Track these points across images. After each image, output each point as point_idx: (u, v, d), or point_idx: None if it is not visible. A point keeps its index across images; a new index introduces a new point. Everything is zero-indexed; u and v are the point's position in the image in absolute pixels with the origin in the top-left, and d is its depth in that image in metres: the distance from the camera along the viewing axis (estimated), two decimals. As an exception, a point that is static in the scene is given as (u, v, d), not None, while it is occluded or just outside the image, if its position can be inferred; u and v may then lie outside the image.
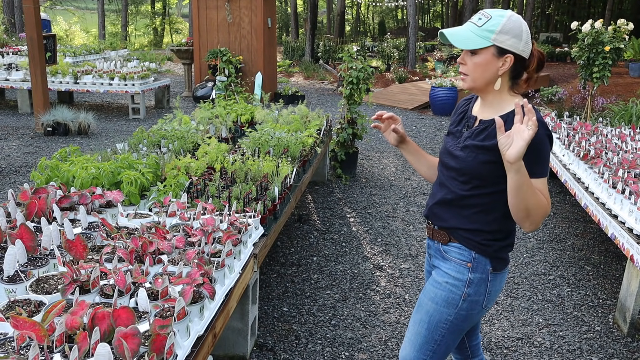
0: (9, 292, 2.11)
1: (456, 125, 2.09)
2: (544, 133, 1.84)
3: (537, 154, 1.83)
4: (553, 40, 23.41)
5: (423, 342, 2.08)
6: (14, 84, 9.91)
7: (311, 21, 19.57)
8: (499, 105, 1.94)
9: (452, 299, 2.01)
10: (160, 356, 1.73)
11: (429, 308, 2.06)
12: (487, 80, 1.92)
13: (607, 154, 4.69)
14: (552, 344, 3.39)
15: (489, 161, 1.90)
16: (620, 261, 4.54)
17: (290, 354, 3.20)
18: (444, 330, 2.05)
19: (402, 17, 40.82)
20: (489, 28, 1.86)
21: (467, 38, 1.89)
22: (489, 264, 1.98)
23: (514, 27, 1.85)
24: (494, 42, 1.86)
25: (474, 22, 1.90)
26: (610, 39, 7.03)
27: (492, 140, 1.89)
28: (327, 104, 11.99)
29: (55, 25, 28.98)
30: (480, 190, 1.94)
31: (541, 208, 1.82)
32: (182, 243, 2.58)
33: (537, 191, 1.82)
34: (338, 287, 4.04)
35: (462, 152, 1.97)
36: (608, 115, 8.15)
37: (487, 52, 1.88)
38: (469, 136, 1.98)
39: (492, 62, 1.88)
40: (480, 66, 1.90)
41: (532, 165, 1.83)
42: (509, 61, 1.87)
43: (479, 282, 1.99)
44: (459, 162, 1.98)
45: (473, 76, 1.93)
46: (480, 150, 1.92)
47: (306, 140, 4.82)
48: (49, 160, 3.54)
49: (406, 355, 2.14)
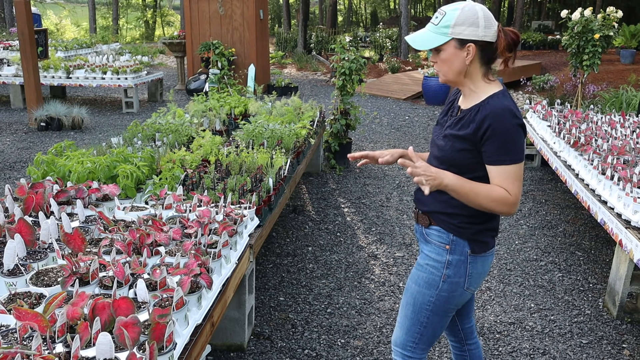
0: (10, 285, 2.15)
1: (444, 115, 2.16)
2: (514, 123, 1.90)
3: (504, 144, 1.89)
4: (545, 28, 23.46)
5: (410, 324, 2.17)
6: (5, 79, 9.87)
7: (303, 12, 19.53)
8: (474, 94, 2.01)
9: (433, 280, 2.09)
10: (160, 344, 1.78)
11: (412, 290, 2.15)
12: (457, 72, 1.98)
13: (597, 141, 4.75)
14: (544, 328, 3.46)
15: (463, 149, 1.98)
16: (610, 246, 4.62)
17: (287, 342, 3.26)
18: (428, 312, 2.13)
19: (395, 7, 40.72)
20: (445, 24, 1.93)
21: (427, 39, 1.97)
22: (467, 246, 2.05)
23: (469, 17, 1.91)
24: (452, 36, 1.93)
25: (432, 21, 1.99)
26: (600, 26, 7.08)
27: (465, 129, 1.96)
28: (320, 95, 12.01)
29: (45, 19, 28.78)
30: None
31: (496, 202, 1.91)
32: (178, 235, 2.62)
33: (483, 191, 1.91)
34: (333, 276, 4.10)
35: (442, 141, 2.06)
36: (599, 102, 8.22)
37: (448, 47, 1.95)
38: (449, 125, 2.06)
39: (456, 54, 1.95)
40: (446, 61, 1.97)
41: (500, 154, 1.90)
42: (472, 50, 1.93)
43: (457, 264, 2.06)
44: (440, 150, 2.06)
45: (443, 71, 2.01)
46: (455, 139, 1.99)
47: (300, 131, 4.86)
48: (44, 155, 3.57)
49: (397, 339, 2.24)
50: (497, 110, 1.89)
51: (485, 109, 1.92)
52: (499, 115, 1.89)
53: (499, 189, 1.92)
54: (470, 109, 1.98)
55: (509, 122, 1.88)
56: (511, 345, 3.28)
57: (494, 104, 1.92)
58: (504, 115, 1.89)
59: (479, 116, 1.92)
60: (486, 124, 1.89)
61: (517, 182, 1.92)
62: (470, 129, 1.94)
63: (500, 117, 1.88)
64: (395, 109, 10.64)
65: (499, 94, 1.95)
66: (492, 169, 1.94)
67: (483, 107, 1.93)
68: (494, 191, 1.92)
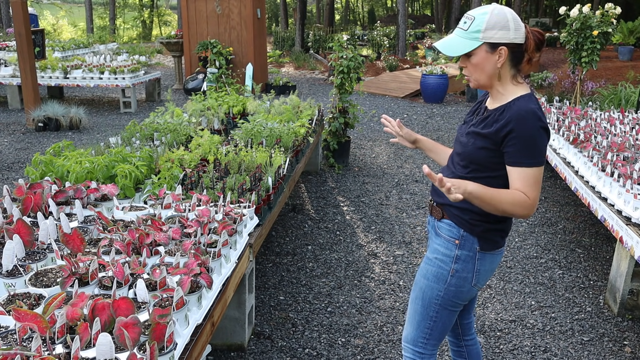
0: (9, 286, 2.13)
1: (471, 114, 2.17)
2: (537, 126, 1.89)
3: (526, 147, 1.89)
4: (542, 25, 23.44)
5: (420, 319, 2.19)
6: (2, 79, 9.84)
7: (300, 11, 19.51)
8: (502, 96, 2.01)
9: (441, 275, 2.10)
10: (160, 344, 1.77)
11: (422, 285, 2.17)
12: (489, 76, 1.98)
13: (597, 138, 4.74)
14: (545, 326, 3.46)
15: (484, 147, 1.98)
16: (610, 243, 4.61)
17: (287, 341, 3.25)
18: (436, 306, 2.14)
19: (392, 5, 40.71)
20: (475, 29, 1.92)
21: (458, 45, 1.96)
22: (476, 242, 2.05)
23: (499, 20, 1.90)
24: (484, 40, 1.92)
25: (461, 27, 1.97)
26: (598, 23, 7.07)
27: (488, 128, 1.96)
28: (318, 93, 12.00)
29: (42, 20, 28.72)
30: (477, 174, 2.02)
31: (516, 206, 1.90)
32: (178, 234, 2.61)
33: (505, 197, 1.90)
34: (333, 274, 4.09)
35: (465, 138, 2.07)
36: (598, 99, 8.21)
37: (480, 51, 1.94)
38: (474, 124, 2.07)
39: (488, 58, 1.94)
40: (478, 66, 1.97)
41: (522, 156, 1.90)
42: (503, 53, 1.93)
43: (466, 259, 2.07)
44: (462, 147, 2.07)
45: (475, 76, 2.00)
46: (478, 137, 2.00)
47: (298, 130, 4.84)
48: (42, 155, 3.55)
49: (407, 335, 2.25)
50: (522, 112, 1.90)
51: (511, 110, 1.92)
52: (523, 118, 1.89)
53: (518, 193, 1.92)
54: (496, 109, 1.99)
55: (533, 125, 1.88)
56: (512, 343, 3.28)
57: (519, 105, 1.92)
58: (528, 118, 1.89)
59: (503, 117, 1.92)
60: (510, 125, 1.90)
61: (535, 185, 1.92)
62: (494, 128, 1.94)
63: (525, 120, 1.88)
64: (393, 107, 10.63)
65: (526, 97, 1.95)
66: (512, 170, 1.93)
67: (508, 109, 1.93)
68: (514, 195, 1.92)
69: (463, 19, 1.98)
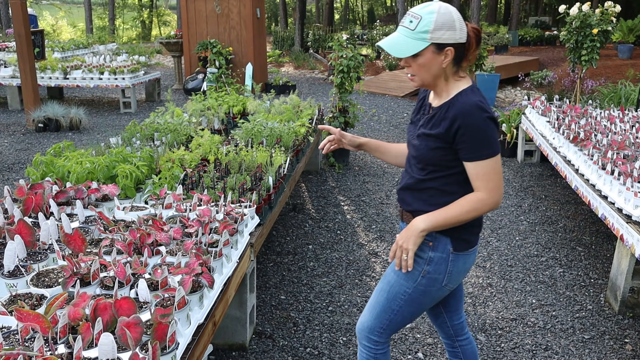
0: (10, 286, 2.14)
1: (416, 113, 2.16)
2: (483, 117, 1.89)
3: (477, 140, 1.90)
4: (542, 23, 23.47)
5: (381, 310, 2.17)
6: (2, 80, 9.84)
7: (300, 10, 19.51)
8: (445, 92, 2.00)
9: (412, 273, 2.09)
10: (162, 344, 1.77)
11: (390, 279, 2.16)
12: (434, 76, 1.97)
13: (597, 136, 4.74)
14: (546, 324, 3.46)
15: (437, 147, 1.98)
16: (611, 241, 4.62)
17: (289, 340, 3.25)
18: (401, 302, 2.13)
19: (391, 4, 40.69)
20: (423, 29, 1.88)
21: (405, 45, 1.92)
22: (449, 243, 2.04)
23: (446, 20, 1.88)
24: (432, 41, 1.89)
25: (406, 26, 1.92)
26: (598, 21, 7.07)
27: (437, 128, 1.96)
28: (318, 93, 12.00)
29: (41, 20, 28.72)
30: (436, 174, 2.02)
31: (476, 209, 1.94)
32: (179, 234, 2.61)
33: (460, 208, 1.94)
34: (334, 274, 4.09)
35: (417, 141, 2.05)
36: (597, 97, 8.21)
37: (427, 52, 1.91)
38: (422, 125, 2.06)
39: (434, 59, 1.92)
40: (424, 66, 1.94)
41: (474, 150, 1.91)
42: (450, 54, 1.91)
43: (438, 261, 2.06)
44: (416, 150, 2.06)
45: (420, 76, 1.98)
46: (429, 138, 1.99)
47: (299, 129, 4.85)
48: (43, 156, 3.55)
49: (364, 323, 2.23)
50: (466, 106, 1.90)
51: (455, 106, 1.92)
52: (468, 112, 1.89)
53: (470, 197, 1.95)
54: (440, 107, 1.98)
55: (478, 117, 1.89)
56: (513, 341, 3.28)
57: (463, 100, 1.92)
58: (472, 112, 1.89)
59: (449, 114, 1.92)
60: (457, 122, 1.90)
61: (494, 175, 1.92)
62: (442, 127, 1.94)
63: (470, 114, 1.89)
64: (393, 106, 10.63)
65: (468, 90, 1.95)
66: (469, 165, 1.94)
67: (452, 105, 1.93)
68: (468, 201, 1.94)
69: (408, 17, 1.93)
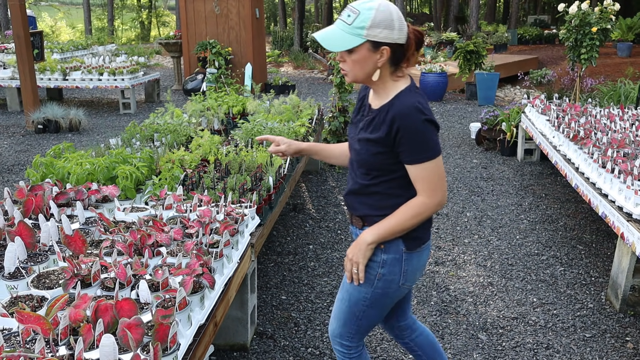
0: (11, 288, 2.13)
1: (356, 114, 2.13)
2: (421, 119, 1.86)
3: (416, 143, 1.88)
4: (541, 22, 23.48)
5: (347, 318, 2.18)
6: (1, 82, 9.84)
7: (299, 10, 19.51)
8: (383, 92, 1.97)
9: (368, 279, 2.06)
10: (164, 345, 1.77)
11: (348, 287, 2.14)
12: (368, 74, 1.93)
13: (597, 134, 4.74)
14: (547, 323, 3.46)
15: (379, 152, 1.95)
16: (612, 239, 4.61)
17: (290, 340, 3.25)
18: (363, 307, 2.12)
19: (390, 4, 40.63)
20: (360, 25, 1.84)
21: (340, 39, 1.88)
22: (401, 244, 2.03)
23: (385, 18, 1.84)
24: (367, 38, 1.85)
25: (344, 19, 1.88)
26: (597, 19, 7.07)
27: (377, 132, 1.93)
28: (317, 92, 12.00)
29: (40, 22, 28.72)
30: (380, 179, 2.00)
31: (419, 214, 1.94)
32: (180, 235, 2.61)
33: (404, 215, 1.94)
34: (335, 274, 4.09)
35: (358, 145, 2.02)
36: (597, 95, 8.20)
37: (362, 48, 1.87)
38: (362, 128, 2.02)
39: (370, 57, 1.89)
40: (358, 63, 1.90)
41: (414, 152, 1.89)
42: (385, 53, 1.88)
43: (392, 262, 2.04)
44: (357, 155, 2.03)
45: (353, 72, 1.94)
46: (369, 143, 1.96)
47: (299, 129, 4.84)
48: (42, 157, 3.55)
49: (334, 330, 2.24)
50: (404, 109, 1.87)
51: (393, 108, 1.89)
52: (406, 115, 1.86)
53: (412, 202, 1.94)
54: (380, 109, 1.94)
55: (416, 120, 1.86)
56: (514, 340, 3.28)
57: (401, 102, 1.89)
58: (410, 114, 1.86)
59: (388, 117, 1.89)
60: (396, 125, 1.87)
61: (436, 176, 1.91)
62: (382, 131, 1.91)
63: (407, 116, 1.86)
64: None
65: (406, 91, 1.93)
66: (410, 169, 1.92)
67: (391, 107, 1.90)
68: (410, 207, 1.94)
69: (347, 11, 1.88)
